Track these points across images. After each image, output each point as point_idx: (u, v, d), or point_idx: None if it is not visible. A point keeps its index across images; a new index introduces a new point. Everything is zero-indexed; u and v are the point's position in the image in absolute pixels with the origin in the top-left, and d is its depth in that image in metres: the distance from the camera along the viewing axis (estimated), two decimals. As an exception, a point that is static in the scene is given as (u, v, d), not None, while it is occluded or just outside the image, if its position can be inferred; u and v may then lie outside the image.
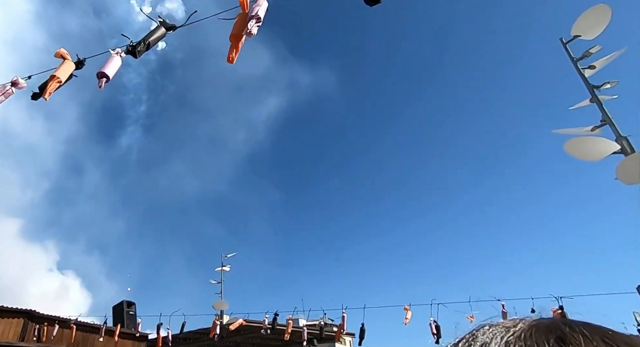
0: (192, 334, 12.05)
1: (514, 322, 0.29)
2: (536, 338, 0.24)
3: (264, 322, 9.98)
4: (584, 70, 8.84)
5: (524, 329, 0.26)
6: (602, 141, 7.30)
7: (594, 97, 8.24)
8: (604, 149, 7.20)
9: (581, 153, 7.32)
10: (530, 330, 0.26)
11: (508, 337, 0.26)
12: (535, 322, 0.28)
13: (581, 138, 7.39)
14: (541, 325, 0.26)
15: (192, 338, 12.78)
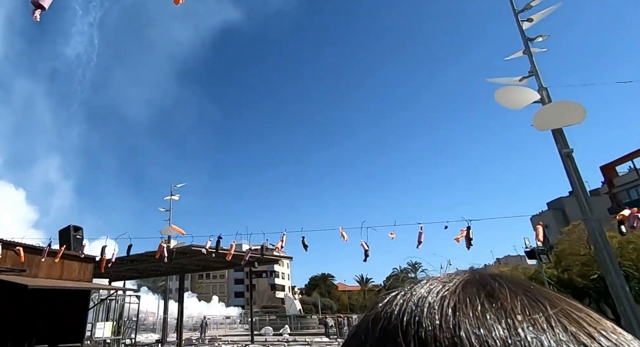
0: (138, 256, 12.44)
1: (449, 277, 0.30)
2: (469, 293, 0.26)
3: (207, 244, 10.55)
4: (523, 22, 9.54)
5: (457, 284, 0.28)
6: (526, 91, 8.28)
7: (526, 49, 9.10)
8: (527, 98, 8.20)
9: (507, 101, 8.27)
10: (464, 285, 0.28)
11: (444, 291, 0.27)
12: (468, 276, 0.29)
13: (509, 87, 8.29)
14: (473, 280, 0.28)
15: (138, 260, 13.22)
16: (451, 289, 0.27)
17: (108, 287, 10.98)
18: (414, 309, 0.27)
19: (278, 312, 47.38)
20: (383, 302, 0.30)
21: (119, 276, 16.48)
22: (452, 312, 0.25)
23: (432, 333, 0.24)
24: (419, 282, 0.31)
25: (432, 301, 0.27)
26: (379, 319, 0.28)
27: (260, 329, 30.01)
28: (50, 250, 7.60)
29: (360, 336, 0.28)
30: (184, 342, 17.56)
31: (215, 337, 24.62)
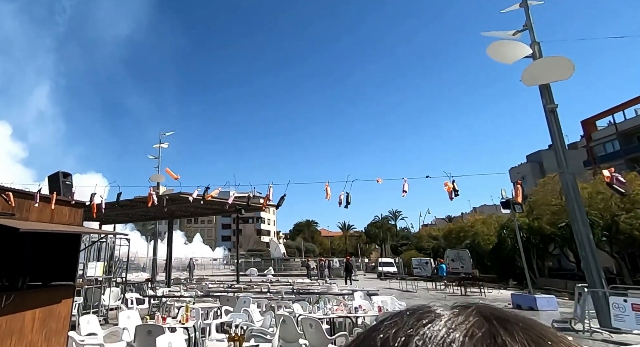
0: (128, 201, 12.69)
1: (453, 319, 0.27)
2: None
3: (194, 193, 10.78)
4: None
5: (465, 332, 0.25)
6: (519, 45, 8.32)
7: (523, 2, 8.94)
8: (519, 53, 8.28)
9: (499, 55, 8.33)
10: (472, 336, 0.25)
11: (449, 340, 0.25)
12: (476, 321, 0.27)
13: (502, 41, 8.30)
14: (482, 331, 0.25)
15: (128, 205, 13.49)
16: (459, 340, 0.25)
17: (99, 231, 11.29)
18: (405, 338, 0.26)
19: (263, 255, 49.64)
20: (381, 337, 0.28)
21: (109, 220, 16.83)
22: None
23: None
24: (420, 318, 0.28)
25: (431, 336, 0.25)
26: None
27: (245, 270, 31.69)
28: (41, 195, 7.70)
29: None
30: (172, 281, 18.55)
31: (202, 277, 25.91)
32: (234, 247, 50.70)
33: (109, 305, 10.79)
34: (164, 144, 19.45)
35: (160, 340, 4.19)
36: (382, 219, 68.01)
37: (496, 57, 8.18)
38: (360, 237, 68.95)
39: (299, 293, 10.86)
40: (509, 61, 8.22)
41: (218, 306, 8.35)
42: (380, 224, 67.26)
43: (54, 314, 7.06)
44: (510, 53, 8.47)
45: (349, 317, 6.83)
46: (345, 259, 29.56)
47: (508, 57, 8.38)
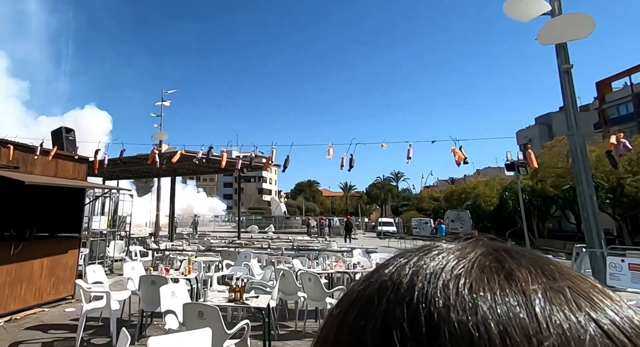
0: (130, 158, 12.78)
1: (462, 250, 0.27)
2: (486, 274, 0.24)
3: (199, 153, 10.80)
4: None
5: (473, 261, 0.26)
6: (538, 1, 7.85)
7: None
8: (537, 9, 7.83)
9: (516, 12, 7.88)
10: (480, 263, 0.25)
11: (458, 269, 0.25)
12: (483, 250, 0.27)
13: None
14: (489, 258, 0.26)
15: (131, 162, 13.60)
16: (467, 267, 0.25)
17: (102, 186, 11.47)
18: (426, 286, 0.24)
19: (264, 214, 50.69)
20: (389, 269, 0.27)
21: (112, 176, 17.03)
22: (468, 293, 0.23)
23: (445, 313, 0.22)
24: (428, 251, 0.28)
25: (446, 279, 0.24)
26: (385, 289, 0.25)
27: (246, 228, 32.55)
28: (44, 149, 7.76)
29: (364, 304, 0.26)
30: (175, 236, 19.15)
31: (204, 233, 26.70)
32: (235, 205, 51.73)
33: (113, 257, 11.23)
34: (166, 102, 19.26)
35: (164, 289, 4.40)
36: (383, 180, 68.49)
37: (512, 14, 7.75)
38: (361, 198, 69.89)
39: (298, 249, 11.22)
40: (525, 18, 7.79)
41: (219, 260, 8.67)
42: (381, 185, 67.83)
43: (61, 263, 7.38)
44: (528, 10, 8.01)
45: (347, 273, 7.10)
46: (346, 218, 30.20)
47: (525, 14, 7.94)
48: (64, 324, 5.84)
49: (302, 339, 5.28)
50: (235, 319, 5.43)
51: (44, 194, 7.79)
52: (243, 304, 4.35)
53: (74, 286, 7.25)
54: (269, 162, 9.98)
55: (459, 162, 7.65)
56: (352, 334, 0.25)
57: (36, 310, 6.55)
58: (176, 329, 3.92)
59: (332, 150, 8.60)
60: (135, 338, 4.80)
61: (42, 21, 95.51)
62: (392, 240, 24.72)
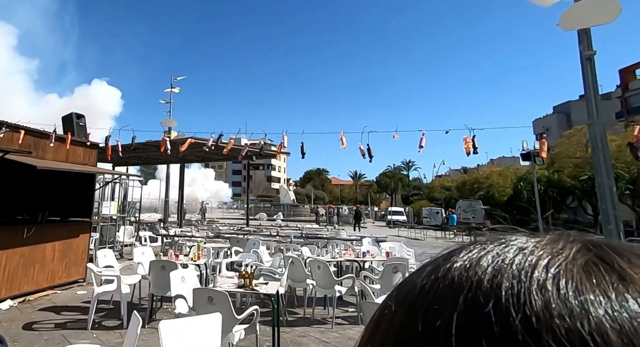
0: (141, 145, 12.92)
1: (552, 244, 0.23)
2: (594, 273, 0.20)
3: (209, 140, 10.84)
4: None
5: (570, 257, 0.21)
6: (561, -18, 7.60)
7: None
8: (560, -10, 7.58)
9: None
10: (582, 262, 0.21)
11: (555, 267, 0.21)
12: (580, 246, 0.22)
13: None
14: (590, 254, 0.21)
15: (141, 148, 13.76)
16: (565, 265, 0.21)
17: (113, 171, 11.64)
18: (516, 285, 0.21)
19: (273, 201, 51.05)
20: (460, 263, 0.23)
21: (121, 162, 17.27)
22: (574, 295, 0.19)
23: (547, 318, 0.19)
24: (506, 244, 0.24)
25: (541, 278, 0.21)
26: (460, 285, 0.22)
27: (255, 215, 32.86)
28: (57, 135, 7.90)
29: (433, 302, 0.22)
30: (184, 222, 19.45)
31: (212, 219, 27.04)
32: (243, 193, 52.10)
33: (123, 242, 11.47)
34: (175, 89, 19.30)
35: (174, 274, 4.49)
36: (394, 168, 68.18)
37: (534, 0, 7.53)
38: (371, 187, 69.78)
39: (307, 238, 11.29)
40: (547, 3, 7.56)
41: (228, 246, 8.79)
42: (392, 173, 67.55)
43: (73, 247, 7.57)
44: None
45: (356, 261, 7.14)
46: (355, 207, 30.25)
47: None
48: (75, 306, 6.02)
49: (311, 325, 5.37)
50: (244, 305, 5.53)
51: (56, 179, 7.96)
52: (252, 290, 4.42)
53: (85, 270, 7.44)
54: (280, 149, 9.96)
55: (468, 152, 7.58)
56: (422, 336, 0.21)
57: (49, 292, 6.76)
58: (186, 313, 4.01)
59: (345, 139, 8.55)
60: (146, 322, 4.92)
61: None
62: (401, 229, 24.73)
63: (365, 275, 6.22)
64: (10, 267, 6.24)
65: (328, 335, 5.02)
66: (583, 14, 7.77)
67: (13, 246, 6.32)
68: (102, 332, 4.94)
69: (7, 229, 6.47)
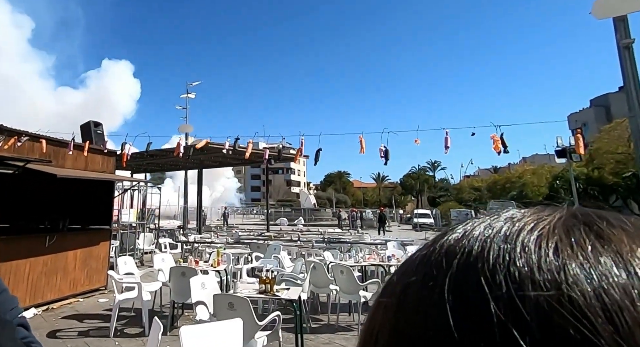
0: (157, 151, 13.28)
1: (539, 213, 0.26)
2: (573, 234, 0.23)
3: (226, 144, 11.02)
4: None
5: (554, 222, 0.24)
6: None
7: None
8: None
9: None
10: (564, 224, 0.24)
11: (539, 230, 0.23)
12: (565, 214, 0.25)
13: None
14: (574, 219, 0.24)
15: (157, 155, 14.14)
16: (548, 229, 0.24)
17: (131, 178, 12.01)
18: (503, 246, 0.23)
19: (293, 206, 51.28)
20: (454, 235, 0.26)
21: (140, 169, 17.79)
22: (554, 253, 0.22)
23: (528, 274, 0.21)
24: (497, 216, 0.27)
25: (525, 240, 0.23)
26: (453, 253, 0.24)
27: (275, 220, 33.10)
28: (75, 144, 8.23)
29: (430, 268, 0.24)
30: (203, 228, 19.80)
31: (232, 225, 27.40)
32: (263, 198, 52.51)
33: (143, 249, 11.76)
34: (191, 94, 19.82)
35: (194, 281, 4.57)
36: (419, 169, 67.36)
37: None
38: (395, 189, 69.17)
39: (329, 242, 11.29)
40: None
41: (248, 252, 8.88)
42: (417, 175, 66.76)
43: (94, 255, 7.82)
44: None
45: (381, 265, 7.08)
46: (379, 210, 30.03)
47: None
48: (98, 314, 6.22)
49: (336, 332, 5.35)
50: (266, 311, 5.56)
51: (76, 187, 8.25)
52: (274, 296, 4.44)
53: (106, 277, 7.67)
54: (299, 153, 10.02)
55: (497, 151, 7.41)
56: (420, 298, 0.23)
57: (71, 300, 7.00)
58: (207, 319, 4.07)
59: (364, 142, 8.50)
60: (167, 328, 5.03)
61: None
62: (429, 232, 24.36)
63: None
64: (34, 276, 6.50)
65: (354, 342, 4.98)
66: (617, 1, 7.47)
67: (36, 255, 6.59)
68: (125, 339, 5.08)
69: (30, 237, 6.76)
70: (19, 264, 6.29)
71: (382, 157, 8.36)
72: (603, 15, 7.64)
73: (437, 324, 0.22)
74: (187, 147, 12.20)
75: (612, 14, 7.61)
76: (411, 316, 0.23)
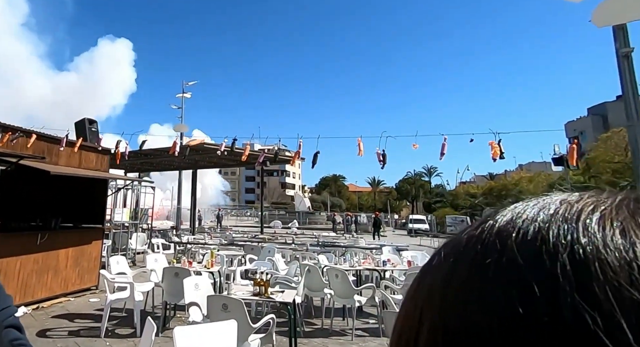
0: (152, 151, 13.26)
1: (595, 197, 0.25)
2: (638, 216, 0.22)
3: (222, 145, 11.02)
4: None
5: (616, 205, 0.23)
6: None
7: None
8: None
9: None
10: (626, 207, 0.23)
11: (599, 211, 0.23)
12: (623, 196, 0.24)
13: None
14: (636, 205, 0.23)
15: (152, 154, 14.11)
16: (610, 210, 0.23)
17: (124, 177, 11.97)
18: (563, 226, 0.23)
19: (287, 209, 51.22)
20: (505, 216, 0.25)
21: (133, 168, 17.72)
22: (620, 233, 0.21)
23: (594, 252, 0.21)
24: (547, 198, 0.27)
25: (588, 220, 0.23)
26: (507, 232, 0.24)
27: (269, 223, 33.05)
28: (69, 140, 8.20)
29: (482, 248, 0.24)
30: (196, 229, 19.76)
31: (226, 227, 27.33)
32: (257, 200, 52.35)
33: (135, 249, 11.72)
34: (187, 94, 19.85)
35: (188, 282, 4.58)
36: (415, 175, 67.61)
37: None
38: (391, 193, 69.30)
39: (324, 246, 11.31)
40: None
41: (242, 254, 8.88)
42: (412, 180, 66.99)
43: (86, 254, 7.79)
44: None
45: (376, 270, 7.11)
46: (374, 215, 30.09)
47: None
48: (89, 314, 6.19)
49: (329, 337, 5.37)
50: (260, 314, 5.58)
51: (69, 185, 8.22)
52: (268, 298, 4.46)
53: (98, 277, 7.64)
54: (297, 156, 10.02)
55: (494, 157, 7.47)
56: (471, 276, 0.23)
57: (62, 299, 6.97)
58: (200, 321, 4.08)
59: (362, 146, 8.54)
60: (160, 330, 5.02)
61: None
62: (424, 238, 24.44)
63: (386, 285, 6.19)
64: (24, 274, 6.47)
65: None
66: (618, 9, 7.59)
67: (27, 252, 6.56)
68: (116, 340, 5.06)
69: (21, 235, 6.72)
70: (10, 261, 6.25)
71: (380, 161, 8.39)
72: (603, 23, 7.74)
73: (494, 305, 0.21)
74: (182, 147, 12.20)
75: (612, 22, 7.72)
76: (462, 295, 0.23)
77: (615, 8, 7.28)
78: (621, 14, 7.24)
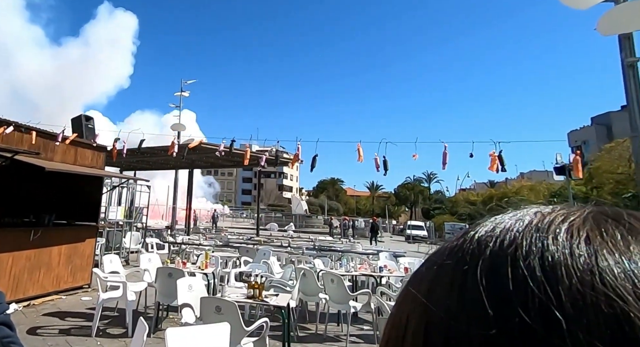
0: (149, 149, 13.26)
1: (567, 209, 0.28)
2: (603, 226, 0.25)
3: (221, 145, 11.04)
4: None
5: (584, 216, 0.26)
6: (599, -16, 7.52)
7: None
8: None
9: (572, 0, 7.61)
10: (595, 217, 0.26)
11: (569, 222, 0.26)
12: (594, 209, 0.27)
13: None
14: (603, 215, 0.26)
15: (149, 153, 14.12)
16: (579, 221, 0.26)
17: (120, 175, 11.98)
18: (535, 235, 0.25)
19: (284, 211, 51.19)
20: (485, 229, 0.28)
21: (130, 166, 17.72)
22: (585, 241, 0.24)
23: (561, 258, 0.23)
24: (525, 211, 0.29)
25: (557, 230, 0.25)
26: (486, 241, 0.27)
27: (265, 225, 33.04)
28: (65, 136, 8.20)
29: (463, 255, 0.27)
30: (192, 230, 19.75)
31: (222, 228, 27.30)
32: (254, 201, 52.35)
33: (129, 248, 11.72)
34: (185, 93, 19.90)
35: (181, 282, 4.60)
36: (414, 180, 67.67)
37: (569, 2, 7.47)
38: (389, 199, 69.32)
39: (320, 250, 11.32)
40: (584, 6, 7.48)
41: (237, 256, 8.90)
42: (411, 186, 67.04)
43: (79, 252, 7.79)
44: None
45: (372, 276, 7.13)
46: (372, 220, 30.10)
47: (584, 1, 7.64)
48: (80, 313, 6.20)
49: (323, 342, 5.38)
50: (253, 317, 5.59)
51: (63, 182, 8.24)
52: (262, 301, 4.48)
53: (91, 275, 7.65)
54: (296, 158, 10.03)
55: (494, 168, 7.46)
56: (453, 282, 0.26)
57: (54, 297, 6.97)
58: (193, 322, 4.10)
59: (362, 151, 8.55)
60: (151, 330, 5.03)
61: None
62: (422, 245, 24.44)
63: (382, 291, 6.21)
64: (16, 270, 6.47)
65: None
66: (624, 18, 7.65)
67: (19, 249, 6.56)
68: (107, 339, 5.07)
69: (14, 231, 6.73)
70: (2, 257, 6.26)
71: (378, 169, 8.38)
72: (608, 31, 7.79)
73: (472, 306, 0.24)
74: (181, 146, 12.22)
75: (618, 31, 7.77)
76: (444, 299, 0.25)
77: (622, 17, 7.34)
78: (627, 23, 7.29)
